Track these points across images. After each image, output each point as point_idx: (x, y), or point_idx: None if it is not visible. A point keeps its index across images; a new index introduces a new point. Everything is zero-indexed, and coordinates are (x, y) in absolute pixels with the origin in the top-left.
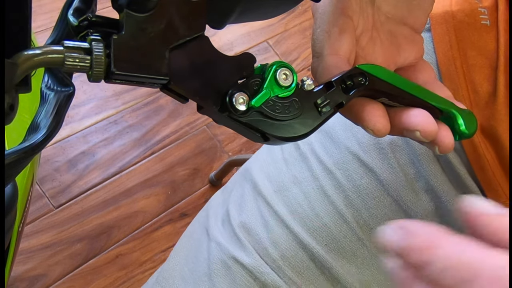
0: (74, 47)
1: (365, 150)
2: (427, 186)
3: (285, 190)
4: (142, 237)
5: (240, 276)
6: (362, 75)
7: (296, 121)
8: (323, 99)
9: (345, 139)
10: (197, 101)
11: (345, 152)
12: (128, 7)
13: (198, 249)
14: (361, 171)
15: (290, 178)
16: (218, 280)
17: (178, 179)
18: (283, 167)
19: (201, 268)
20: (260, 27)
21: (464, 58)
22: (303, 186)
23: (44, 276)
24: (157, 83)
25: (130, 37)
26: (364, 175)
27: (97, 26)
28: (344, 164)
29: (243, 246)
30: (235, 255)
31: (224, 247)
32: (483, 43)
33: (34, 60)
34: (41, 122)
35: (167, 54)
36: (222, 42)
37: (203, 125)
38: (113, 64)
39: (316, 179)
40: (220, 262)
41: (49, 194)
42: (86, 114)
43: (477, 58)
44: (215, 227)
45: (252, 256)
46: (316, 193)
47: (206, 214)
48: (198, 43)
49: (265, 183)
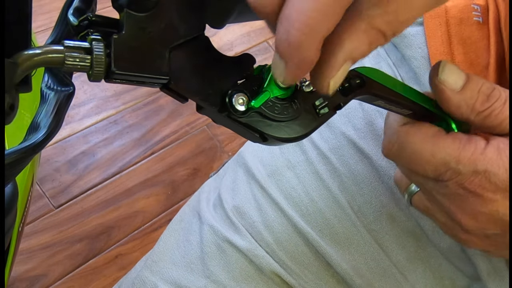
0: (75, 47)
1: (361, 136)
2: None
3: (278, 174)
4: (142, 237)
5: (235, 259)
6: (359, 78)
7: (295, 122)
8: (321, 101)
9: (341, 125)
10: (197, 101)
11: (341, 138)
12: (128, 7)
13: (189, 233)
14: (357, 157)
15: (284, 162)
16: (212, 263)
17: (178, 179)
18: (277, 151)
19: (193, 251)
20: (260, 27)
21: (455, 54)
22: (298, 171)
23: (44, 276)
24: (157, 83)
25: (130, 37)
26: (359, 161)
27: (97, 25)
28: (339, 149)
29: (237, 229)
30: (229, 238)
31: (217, 230)
32: (474, 39)
33: (35, 59)
34: (41, 122)
35: (167, 53)
36: (222, 42)
37: (203, 125)
38: (113, 64)
39: (311, 163)
40: (214, 245)
41: (49, 194)
42: (86, 114)
43: (468, 55)
44: (207, 211)
45: (247, 239)
46: (311, 178)
47: (198, 199)
48: (198, 43)
49: (258, 167)
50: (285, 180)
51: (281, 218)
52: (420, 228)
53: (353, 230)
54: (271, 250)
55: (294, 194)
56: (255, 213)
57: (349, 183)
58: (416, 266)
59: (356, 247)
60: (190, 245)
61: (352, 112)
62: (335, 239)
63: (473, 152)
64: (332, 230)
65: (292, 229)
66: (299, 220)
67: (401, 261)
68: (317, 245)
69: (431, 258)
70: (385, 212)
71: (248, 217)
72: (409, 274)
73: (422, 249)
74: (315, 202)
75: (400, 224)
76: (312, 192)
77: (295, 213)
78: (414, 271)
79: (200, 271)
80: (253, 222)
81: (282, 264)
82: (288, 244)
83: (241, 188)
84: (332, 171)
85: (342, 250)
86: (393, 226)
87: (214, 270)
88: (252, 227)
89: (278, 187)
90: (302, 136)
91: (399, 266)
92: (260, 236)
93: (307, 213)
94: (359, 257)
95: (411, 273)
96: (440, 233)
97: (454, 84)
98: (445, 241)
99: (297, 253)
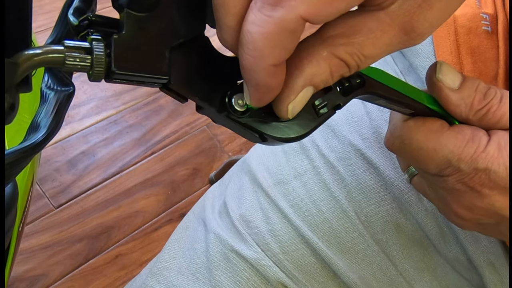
0: (75, 47)
1: (368, 145)
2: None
3: (285, 183)
4: (142, 237)
5: (241, 269)
6: (359, 77)
7: (294, 122)
8: (321, 101)
9: (348, 134)
10: (196, 101)
11: (348, 147)
12: (129, 7)
13: (195, 241)
14: (364, 166)
15: (291, 171)
16: (218, 273)
17: (178, 179)
18: (283, 159)
19: (199, 260)
20: None
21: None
22: (304, 180)
23: (44, 276)
24: (157, 83)
25: (131, 37)
26: (366, 171)
27: (98, 25)
28: (346, 159)
29: (244, 239)
30: (235, 248)
31: (223, 239)
32: (483, 49)
33: (35, 59)
34: (41, 122)
35: (167, 53)
36: None
37: (203, 125)
38: (114, 64)
39: (318, 172)
40: (220, 254)
41: (49, 194)
42: (86, 114)
43: (477, 65)
44: (213, 218)
45: (253, 249)
46: (318, 187)
47: (202, 205)
48: (198, 43)
49: (264, 175)
50: (292, 189)
51: (287, 228)
52: (427, 237)
53: (360, 240)
54: (278, 260)
55: (301, 204)
56: (261, 223)
57: (356, 193)
58: (422, 275)
59: (363, 257)
60: (195, 254)
61: (359, 121)
62: (342, 249)
63: (475, 150)
64: (339, 240)
65: (299, 239)
66: (306, 230)
67: (408, 270)
68: (324, 255)
69: (438, 268)
70: (392, 222)
71: (254, 226)
72: (415, 284)
73: (428, 259)
74: (322, 212)
75: (407, 234)
76: (319, 202)
77: (302, 222)
78: (421, 281)
79: (206, 281)
80: (259, 231)
81: (289, 274)
82: (295, 254)
83: (247, 197)
84: (339, 181)
85: (349, 260)
86: (400, 236)
87: (220, 280)
88: (259, 237)
89: (284, 196)
90: (302, 136)
91: (406, 276)
92: (266, 246)
93: (314, 223)
94: (366, 267)
95: (417, 283)
96: (446, 243)
97: (451, 83)
98: (451, 251)
99: (303, 263)
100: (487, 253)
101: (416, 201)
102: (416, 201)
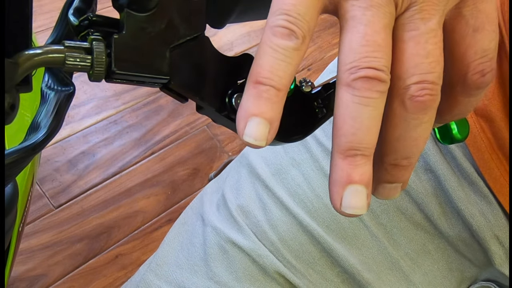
0: (75, 47)
1: None
2: (426, 165)
3: (283, 173)
4: (142, 237)
5: (238, 260)
6: None
7: (294, 122)
8: (321, 101)
9: None
10: (197, 101)
11: None
12: (129, 7)
13: (193, 235)
14: None
15: (289, 161)
16: (215, 264)
17: (178, 179)
18: (281, 150)
19: (196, 253)
20: (260, 27)
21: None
22: (303, 168)
23: (44, 276)
24: (158, 83)
25: (131, 37)
26: None
27: (98, 25)
28: None
29: (241, 229)
30: (232, 238)
31: (220, 230)
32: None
33: (35, 59)
34: (41, 122)
35: (167, 53)
36: (222, 42)
37: (203, 125)
38: (114, 64)
39: (316, 160)
40: (217, 246)
41: (49, 194)
42: (86, 114)
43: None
44: (210, 212)
45: (250, 238)
46: (316, 174)
47: (201, 201)
48: (198, 43)
49: (262, 166)
50: (290, 178)
51: (286, 216)
52: (428, 219)
53: (360, 224)
54: (276, 249)
55: (299, 191)
56: (259, 212)
57: None
58: (424, 258)
59: (364, 241)
60: (193, 248)
61: None
62: (342, 234)
63: None
64: (339, 225)
65: (298, 227)
66: (305, 217)
67: (409, 254)
68: (323, 242)
69: (439, 250)
70: (392, 205)
71: (252, 216)
72: (417, 267)
73: (430, 242)
74: (321, 198)
75: (407, 217)
76: (318, 189)
77: (301, 210)
78: (423, 264)
79: (203, 273)
80: (257, 221)
81: (286, 263)
82: (293, 242)
83: (245, 188)
84: None
85: (349, 245)
86: (401, 219)
87: (217, 271)
88: (257, 226)
89: (283, 185)
90: (301, 136)
91: (407, 259)
92: (264, 235)
93: (313, 209)
94: (366, 251)
95: (419, 266)
96: (448, 221)
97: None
98: (453, 228)
99: (302, 252)
100: (491, 226)
101: (415, 180)
102: (415, 181)
